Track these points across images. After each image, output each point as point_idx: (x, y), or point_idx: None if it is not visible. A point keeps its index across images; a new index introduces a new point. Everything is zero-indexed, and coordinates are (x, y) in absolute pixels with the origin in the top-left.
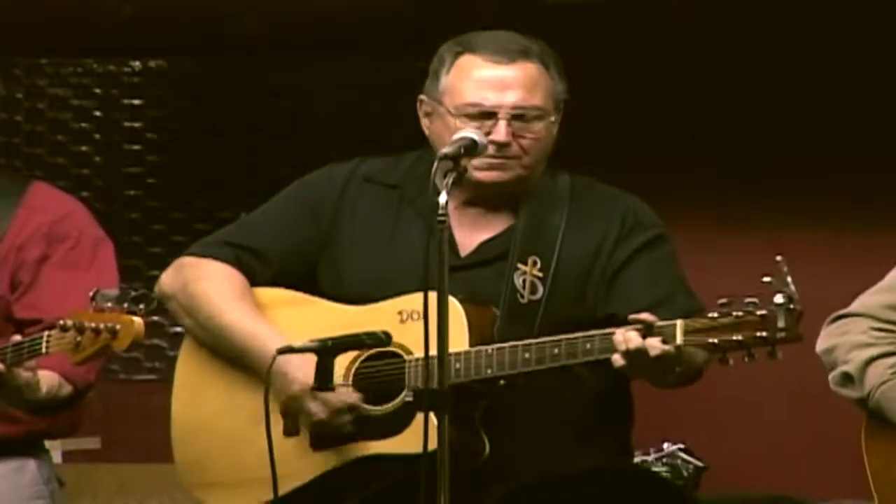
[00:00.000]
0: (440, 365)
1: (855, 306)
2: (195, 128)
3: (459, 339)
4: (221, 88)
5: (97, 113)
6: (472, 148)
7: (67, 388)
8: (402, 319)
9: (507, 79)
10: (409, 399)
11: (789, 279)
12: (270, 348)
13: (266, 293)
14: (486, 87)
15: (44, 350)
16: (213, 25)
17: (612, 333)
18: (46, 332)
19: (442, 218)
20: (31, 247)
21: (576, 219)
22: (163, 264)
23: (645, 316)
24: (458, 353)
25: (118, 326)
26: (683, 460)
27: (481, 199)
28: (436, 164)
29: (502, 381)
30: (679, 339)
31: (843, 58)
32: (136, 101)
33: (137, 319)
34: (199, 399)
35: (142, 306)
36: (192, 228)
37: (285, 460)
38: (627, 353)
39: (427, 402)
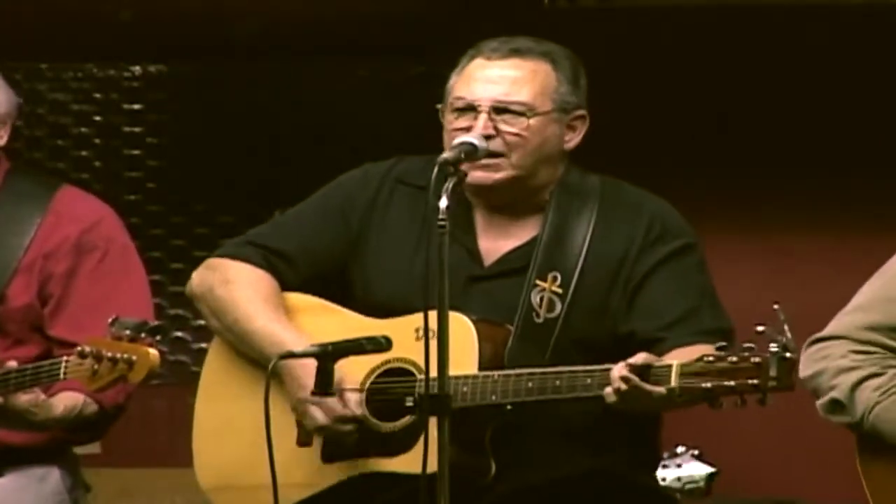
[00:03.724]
0: (442, 382)
1: (832, 328)
2: (195, 132)
3: (469, 362)
4: (222, 93)
5: (97, 117)
6: (472, 152)
7: (92, 408)
8: (417, 336)
9: (494, 74)
10: (410, 404)
11: (786, 327)
12: None
13: (292, 299)
14: (474, 82)
15: (62, 376)
16: (213, 29)
17: (611, 370)
18: (65, 358)
19: (442, 224)
20: (60, 258)
21: (602, 226)
22: (163, 269)
23: (642, 357)
24: (465, 378)
25: (135, 358)
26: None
27: (499, 205)
28: (435, 169)
29: (509, 407)
30: (674, 382)
31: (845, 62)
32: (136, 106)
33: (154, 352)
34: (222, 401)
35: (158, 338)
36: (192, 233)
37: (299, 470)
38: (619, 391)
39: (427, 408)
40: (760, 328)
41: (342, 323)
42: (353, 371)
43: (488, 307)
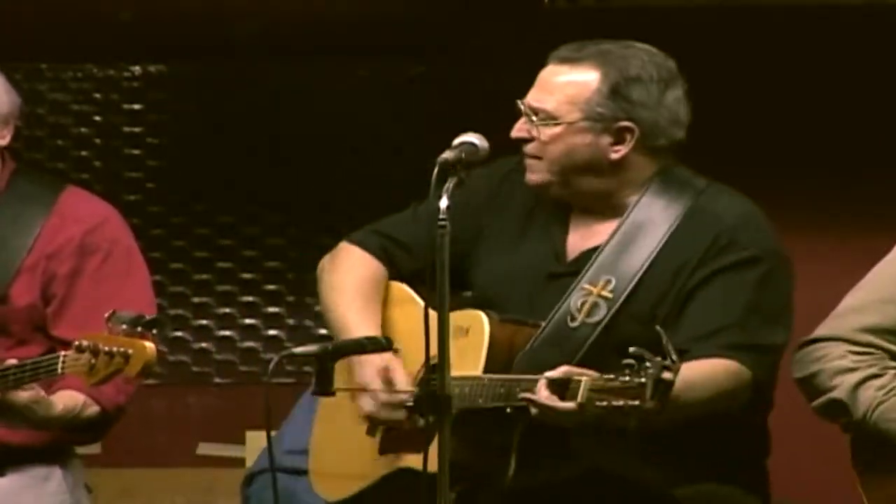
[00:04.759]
0: (442, 382)
1: (825, 330)
2: (195, 132)
3: (474, 363)
4: (222, 93)
5: (97, 118)
6: (472, 152)
7: (93, 409)
8: (455, 335)
9: (541, 79)
10: (410, 404)
11: (671, 347)
12: None
13: (394, 289)
14: (533, 85)
15: (59, 370)
16: (213, 30)
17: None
18: (63, 353)
19: (443, 223)
20: (64, 259)
21: (679, 234)
22: (163, 269)
23: (561, 371)
24: (465, 379)
25: (131, 351)
26: None
27: (581, 205)
28: (436, 168)
29: (509, 410)
30: (580, 398)
31: (845, 62)
32: (136, 106)
33: (150, 345)
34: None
35: (154, 332)
36: (192, 233)
37: (361, 461)
38: (537, 406)
39: (427, 411)
40: (632, 349)
41: (414, 317)
42: (414, 362)
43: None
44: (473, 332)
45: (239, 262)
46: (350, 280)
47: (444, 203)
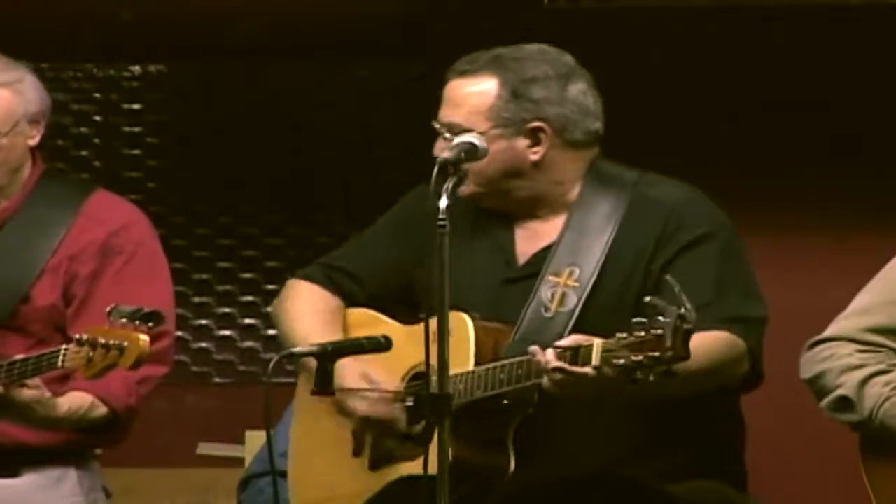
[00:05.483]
0: (442, 382)
1: (833, 331)
2: (195, 132)
3: (466, 360)
4: (221, 93)
5: (97, 117)
6: (472, 152)
7: (101, 410)
8: (434, 338)
9: (445, 96)
10: (410, 404)
11: (684, 297)
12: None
13: (352, 315)
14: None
15: (60, 364)
16: (213, 29)
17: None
18: (64, 347)
19: (442, 224)
20: (86, 259)
21: (629, 222)
22: None
23: (572, 340)
24: (457, 375)
25: (125, 344)
26: None
27: (518, 212)
28: (435, 169)
29: (506, 401)
30: (595, 361)
31: (845, 62)
32: (136, 106)
33: (144, 337)
34: (309, 423)
35: (150, 324)
36: (192, 233)
37: (349, 480)
38: (550, 375)
39: (428, 411)
40: (647, 298)
41: (389, 333)
42: (392, 373)
43: (521, 307)
44: (457, 331)
45: (239, 262)
46: (307, 307)
47: (444, 203)
